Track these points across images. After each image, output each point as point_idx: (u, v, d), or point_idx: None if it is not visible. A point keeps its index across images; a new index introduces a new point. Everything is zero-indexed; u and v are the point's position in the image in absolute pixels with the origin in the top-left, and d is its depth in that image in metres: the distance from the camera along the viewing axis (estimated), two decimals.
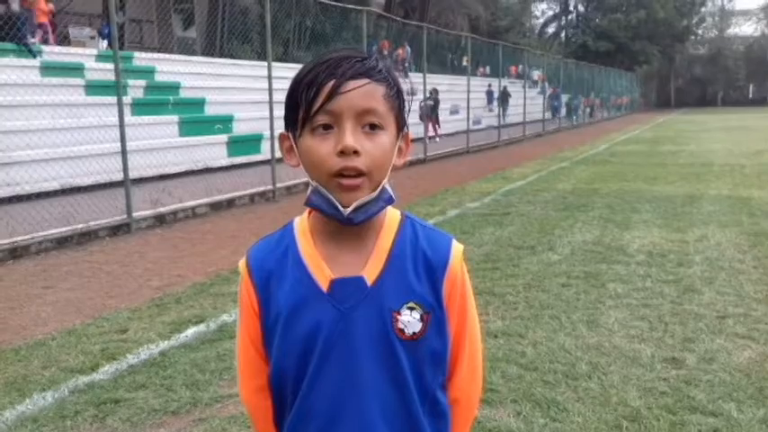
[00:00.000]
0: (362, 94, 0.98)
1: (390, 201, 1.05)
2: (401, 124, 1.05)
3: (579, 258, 5.80)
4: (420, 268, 1.06)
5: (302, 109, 1.00)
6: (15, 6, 13.51)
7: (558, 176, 12.13)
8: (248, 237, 6.70)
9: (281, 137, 1.07)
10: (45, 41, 13.93)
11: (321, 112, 0.98)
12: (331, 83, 0.97)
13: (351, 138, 0.97)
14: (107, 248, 6.79)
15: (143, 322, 4.36)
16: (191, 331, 4.14)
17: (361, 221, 1.01)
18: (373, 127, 0.99)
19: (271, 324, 1.07)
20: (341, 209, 0.99)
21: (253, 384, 1.13)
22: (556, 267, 5.51)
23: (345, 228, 1.03)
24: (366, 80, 0.98)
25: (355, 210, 1.00)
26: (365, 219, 1.01)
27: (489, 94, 25.90)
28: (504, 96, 27.07)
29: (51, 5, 14.77)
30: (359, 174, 0.98)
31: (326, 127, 0.98)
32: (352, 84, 0.97)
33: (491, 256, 5.90)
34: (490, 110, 24.44)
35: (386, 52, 23.77)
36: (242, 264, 1.11)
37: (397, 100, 1.03)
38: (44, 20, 14.37)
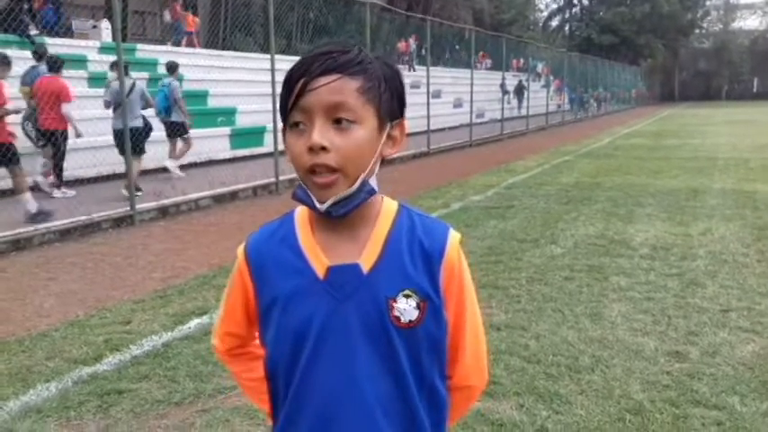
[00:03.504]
0: (331, 89, 0.97)
1: (372, 192, 1.04)
2: (384, 116, 1.03)
3: (582, 252, 5.79)
4: (416, 256, 1.06)
5: (283, 107, 1.02)
6: (167, 17, 17.34)
7: (562, 170, 12.10)
8: (251, 229, 6.59)
9: (283, 132, 1.09)
10: (185, 44, 16.99)
11: (294, 109, 0.99)
12: (302, 80, 0.98)
13: (318, 134, 0.97)
14: (110, 240, 6.80)
15: (146, 314, 4.37)
16: (194, 323, 4.15)
17: (341, 215, 1.01)
18: (345, 122, 0.98)
19: (264, 311, 1.08)
20: (317, 205, 1.01)
21: (224, 329, 1.20)
22: (559, 260, 5.50)
23: (338, 218, 1.03)
24: (336, 75, 0.98)
25: (333, 204, 1.00)
26: (345, 212, 1.01)
27: (503, 86, 25.80)
28: (520, 89, 26.96)
29: (198, 19, 18.53)
30: (331, 170, 0.98)
31: (300, 124, 0.99)
32: (321, 80, 0.97)
33: (494, 250, 5.89)
34: (508, 102, 24.29)
35: (414, 45, 23.88)
36: (240, 249, 1.13)
37: (377, 91, 1.01)
38: (192, 29, 17.48)
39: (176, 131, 10.49)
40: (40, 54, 8.88)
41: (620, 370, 3.34)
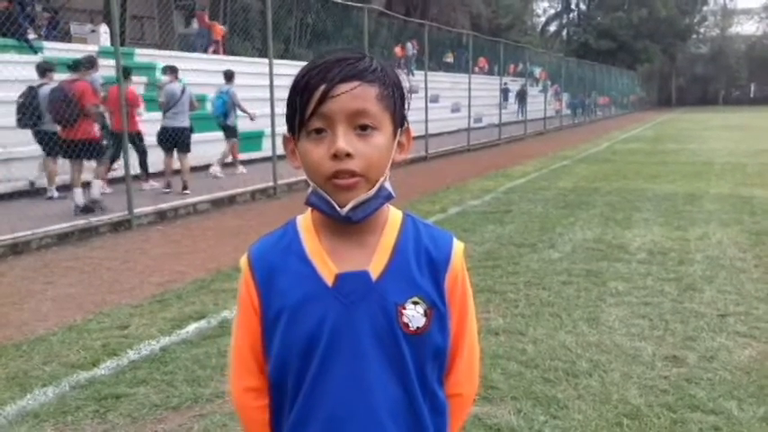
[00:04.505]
0: (353, 96, 0.98)
1: (389, 197, 1.06)
2: (398, 121, 1.06)
3: (580, 256, 5.79)
4: (423, 264, 1.08)
5: (297, 114, 1.02)
6: (195, 26, 18.56)
7: (560, 174, 12.12)
8: (249, 233, 6.71)
9: (285, 139, 1.09)
10: (209, 51, 17.75)
11: (314, 116, 0.99)
12: (322, 87, 0.98)
13: (343, 141, 0.98)
14: (108, 244, 6.80)
15: (144, 318, 4.36)
16: (191, 327, 4.15)
17: (360, 219, 1.02)
18: (366, 128, 1.00)
19: (271, 320, 1.07)
20: (338, 209, 1.01)
21: (243, 384, 1.13)
22: (557, 265, 5.51)
23: (349, 225, 1.04)
24: (357, 82, 0.99)
25: (353, 208, 1.01)
26: (364, 216, 1.02)
27: (505, 92, 25.84)
28: (522, 95, 27.04)
29: (225, 28, 19.21)
30: (353, 175, 0.99)
31: (320, 131, 1.00)
32: (342, 87, 0.98)
33: (492, 254, 5.90)
34: (505, 108, 24.35)
35: (414, 50, 24.08)
36: (243, 260, 1.12)
37: (392, 98, 1.03)
38: (218, 38, 18.19)
39: (229, 133, 11.64)
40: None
41: (618, 374, 3.34)
